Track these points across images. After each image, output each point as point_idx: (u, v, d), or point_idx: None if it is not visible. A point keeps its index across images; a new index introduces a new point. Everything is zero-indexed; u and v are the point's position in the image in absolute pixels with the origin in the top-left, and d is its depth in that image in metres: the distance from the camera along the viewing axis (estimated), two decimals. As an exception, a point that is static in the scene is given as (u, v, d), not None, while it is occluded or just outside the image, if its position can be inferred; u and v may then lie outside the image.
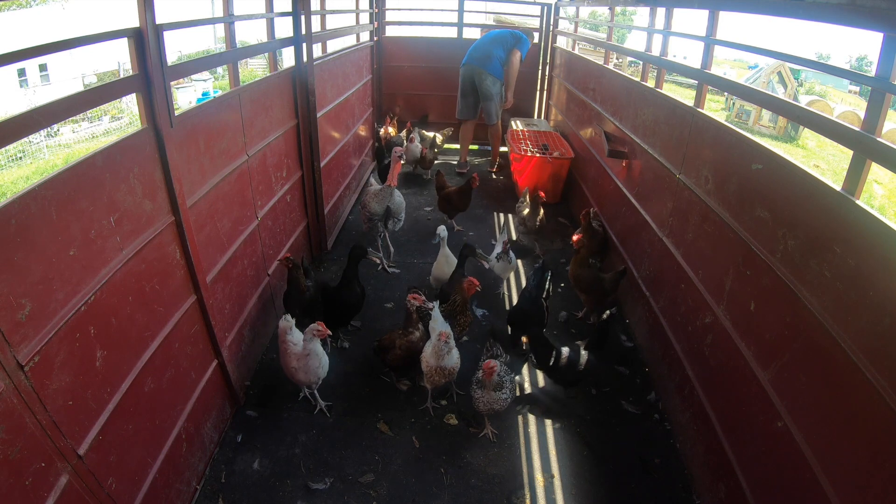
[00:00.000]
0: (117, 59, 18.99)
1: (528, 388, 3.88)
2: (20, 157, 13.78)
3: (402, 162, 6.22)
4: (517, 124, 8.29)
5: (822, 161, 15.04)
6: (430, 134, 8.24)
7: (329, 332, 3.30)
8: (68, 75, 18.84)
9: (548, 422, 3.60)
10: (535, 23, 8.72)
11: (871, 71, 2.21)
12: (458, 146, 8.54)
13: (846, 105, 18.73)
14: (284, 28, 4.48)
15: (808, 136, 17.13)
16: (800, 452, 2.25)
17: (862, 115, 2.25)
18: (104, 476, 2.22)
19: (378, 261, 5.11)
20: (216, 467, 3.18)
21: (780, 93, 8.20)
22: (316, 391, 3.60)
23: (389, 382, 3.86)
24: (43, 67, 18.84)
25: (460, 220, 6.46)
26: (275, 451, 3.29)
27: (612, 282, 4.33)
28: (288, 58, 4.79)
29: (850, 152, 2.22)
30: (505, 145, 8.07)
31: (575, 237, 4.72)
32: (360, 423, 3.52)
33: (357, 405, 3.66)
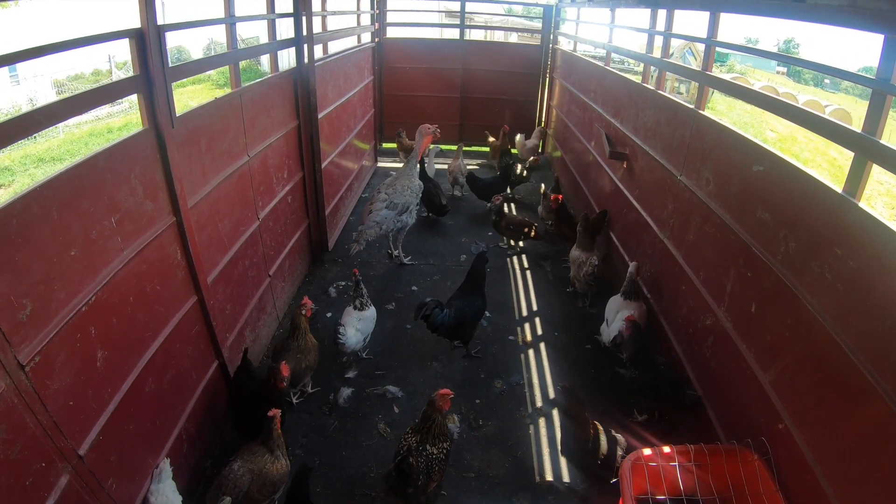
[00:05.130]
0: (108, 52, 18.92)
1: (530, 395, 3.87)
2: (34, 137, 14.30)
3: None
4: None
5: (728, 119, 15.60)
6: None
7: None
8: (31, 73, 18.61)
9: (551, 424, 3.59)
10: (538, 23, 8.72)
11: (800, 53, 2.20)
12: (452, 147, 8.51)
13: (766, 81, 19.53)
14: (285, 29, 4.49)
15: (717, 100, 18.16)
16: (801, 456, 2.25)
17: (782, 90, 2.24)
18: (105, 476, 2.22)
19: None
20: (217, 468, 3.17)
21: (692, 65, 8.78)
22: None
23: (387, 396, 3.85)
24: (12, 67, 18.79)
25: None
26: (275, 451, 3.28)
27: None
28: (286, 59, 4.79)
29: (758, 111, 2.20)
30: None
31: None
32: (360, 424, 3.52)
33: (358, 406, 3.66)
